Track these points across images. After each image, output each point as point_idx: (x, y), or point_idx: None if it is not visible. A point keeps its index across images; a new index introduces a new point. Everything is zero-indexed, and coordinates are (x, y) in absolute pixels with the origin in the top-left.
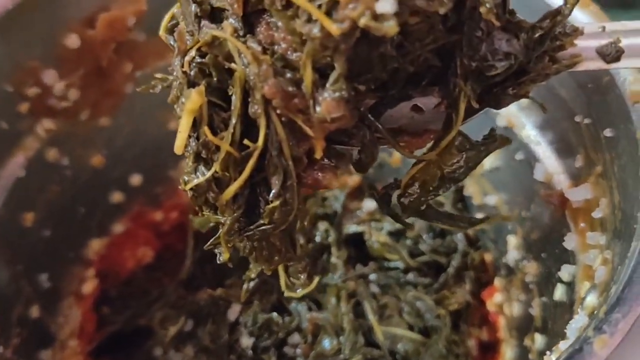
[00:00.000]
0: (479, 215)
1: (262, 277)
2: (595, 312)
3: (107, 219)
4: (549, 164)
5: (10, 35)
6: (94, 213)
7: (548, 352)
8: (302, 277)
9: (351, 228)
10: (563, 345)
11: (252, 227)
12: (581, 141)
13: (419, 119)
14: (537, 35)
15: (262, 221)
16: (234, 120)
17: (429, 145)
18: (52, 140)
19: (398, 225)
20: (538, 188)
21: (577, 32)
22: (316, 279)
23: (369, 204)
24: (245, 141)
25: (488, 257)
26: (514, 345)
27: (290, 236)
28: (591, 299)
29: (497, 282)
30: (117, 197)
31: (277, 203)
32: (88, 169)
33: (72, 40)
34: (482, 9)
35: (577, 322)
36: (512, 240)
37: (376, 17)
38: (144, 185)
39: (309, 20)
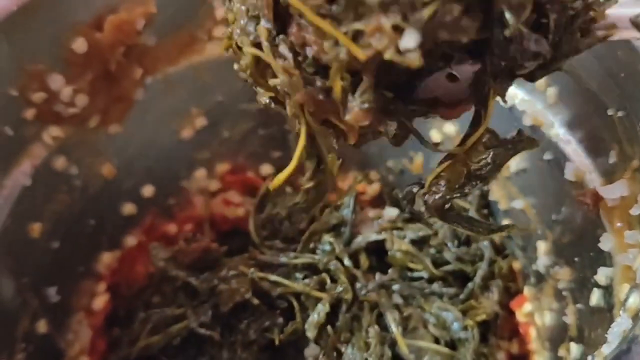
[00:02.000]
0: (506, 221)
1: None
2: (639, 313)
3: (119, 232)
4: (580, 162)
5: (15, 38)
6: (105, 225)
7: (590, 357)
8: None
9: (372, 236)
10: (606, 349)
11: None
12: (614, 136)
13: (454, 87)
14: (568, 16)
15: None
16: None
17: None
18: (60, 148)
19: (421, 233)
20: (569, 189)
21: (610, 1)
22: None
23: (391, 212)
24: None
25: (516, 264)
26: (546, 358)
27: None
28: (634, 300)
29: (527, 291)
30: (128, 208)
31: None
32: (98, 179)
33: (79, 44)
34: (506, 32)
35: (620, 326)
36: (542, 246)
37: (400, 51)
38: (157, 197)
39: (336, 43)
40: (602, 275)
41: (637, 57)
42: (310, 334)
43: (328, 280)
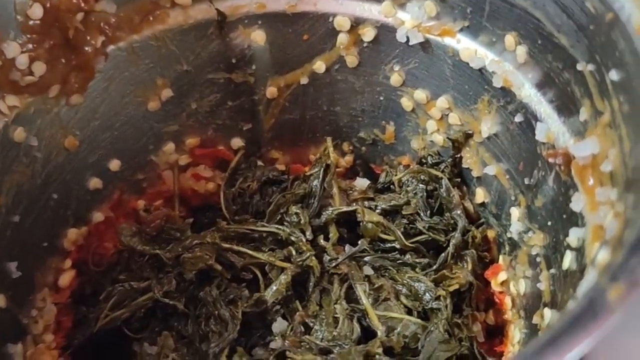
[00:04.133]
0: (480, 189)
1: None
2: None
3: (84, 207)
4: (552, 122)
5: None
6: (69, 200)
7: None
8: None
9: (342, 208)
10: (572, 305)
11: None
12: (585, 91)
13: None
14: None
15: None
16: None
17: None
18: (18, 118)
19: (393, 203)
20: (541, 150)
21: None
22: None
23: (362, 182)
24: None
25: (491, 233)
26: (522, 326)
27: None
28: (602, 256)
29: (502, 259)
30: (94, 182)
31: None
32: (60, 152)
33: (34, 10)
34: None
35: (589, 282)
36: (516, 212)
37: None
38: (124, 171)
39: None
40: (574, 236)
41: (606, 8)
42: (270, 299)
43: (294, 252)
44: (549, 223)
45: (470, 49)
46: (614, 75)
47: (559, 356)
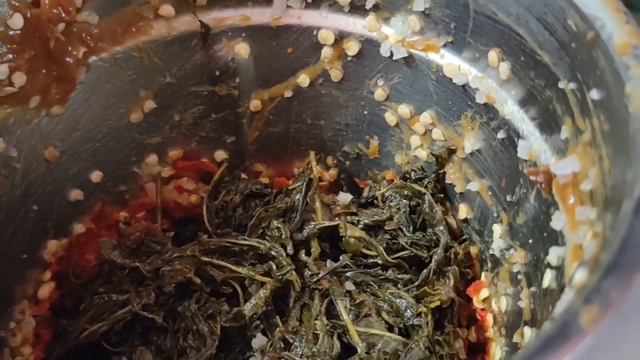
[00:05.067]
0: (462, 205)
1: None
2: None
3: (65, 219)
4: (534, 140)
5: None
6: (50, 212)
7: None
8: None
9: (324, 222)
10: (547, 326)
11: None
12: (567, 109)
13: None
14: None
15: None
16: None
17: None
18: None
19: (375, 218)
20: (523, 168)
21: None
22: None
23: (344, 197)
24: None
25: (473, 249)
26: (503, 344)
27: None
28: (579, 276)
29: (484, 276)
30: (75, 194)
31: None
32: (41, 163)
33: (15, 20)
34: None
35: (565, 303)
36: (498, 229)
37: None
38: (106, 183)
39: None
40: (554, 255)
41: (588, 26)
42: (249, 313)
43: (274, 267)
44: (530, 241)
45: (453, 64)
46: (594, 94)
47: None
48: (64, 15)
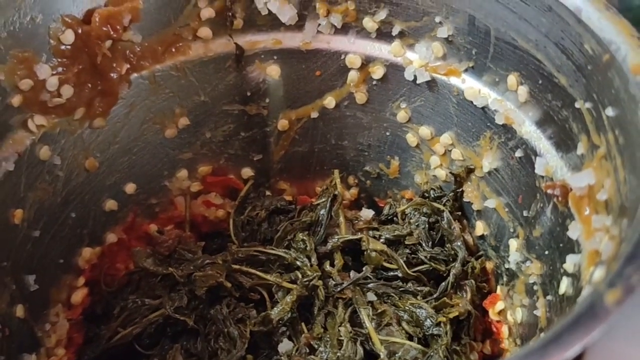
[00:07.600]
0: (480, 222)
1: None
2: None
3: (100, 227)
4: (550, 157)
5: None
6: (86, 220)
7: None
8: None
9: (347, 236)
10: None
11: None
12: (583, 127)
13: None
14: None
15: None
16: None
17: None
18: (44, 137)
19: (396, 233)
20: (539, 184)
21: None
22: None
23: (367, 213)
24: None
25: (489, 265)
26: None
27: None
28: (599, 273)
29: (499, 290)
30: (110, 204)
31: None
32: (81, 172)
33: (67, 35)
34: None
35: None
36: (514, 244)
37: None
38: (138, 195)
39: None
40: (570, 262)
41: (604, 49)
42: (276, 317)
43: (300, 276)
44: (547, 252)
45: (474, 88)
46: (610, 111)
47: (561, 351)
48: (112, 33)
